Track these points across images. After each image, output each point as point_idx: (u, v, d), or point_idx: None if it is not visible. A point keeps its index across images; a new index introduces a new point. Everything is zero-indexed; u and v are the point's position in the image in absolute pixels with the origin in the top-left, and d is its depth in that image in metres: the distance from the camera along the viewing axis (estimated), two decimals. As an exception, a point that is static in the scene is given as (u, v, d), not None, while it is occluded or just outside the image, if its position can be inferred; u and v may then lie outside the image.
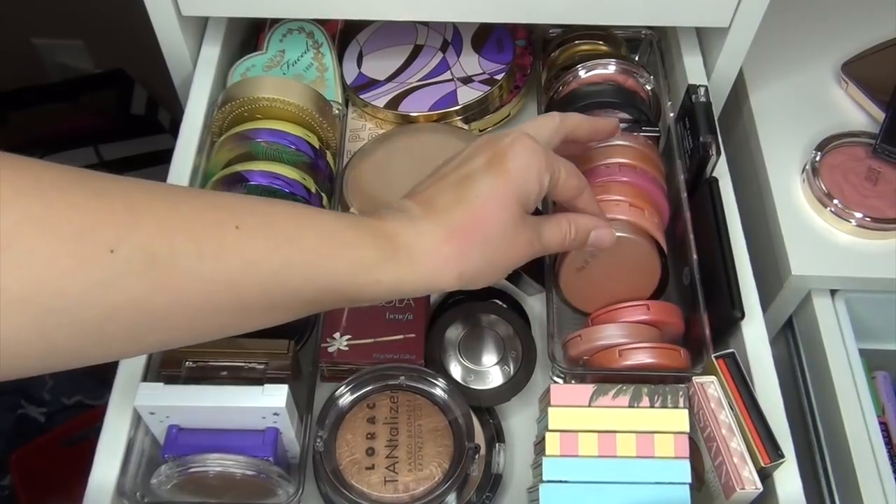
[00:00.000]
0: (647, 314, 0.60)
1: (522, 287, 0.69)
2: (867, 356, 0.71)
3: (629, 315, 0.61)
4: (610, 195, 0.60)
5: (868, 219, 0.70)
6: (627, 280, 0.62)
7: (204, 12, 0.72)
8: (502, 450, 0.61)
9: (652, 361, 0.57)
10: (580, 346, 0.60)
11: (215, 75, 0.74)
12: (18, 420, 1.24)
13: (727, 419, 0.54)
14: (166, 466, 0.53)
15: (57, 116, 1.41)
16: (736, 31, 0.70)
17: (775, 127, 0.78)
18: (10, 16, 1.34)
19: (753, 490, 0.52)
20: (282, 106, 0.66)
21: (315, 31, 0.79)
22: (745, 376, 0.56)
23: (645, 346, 0.58)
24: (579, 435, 0.54)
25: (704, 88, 0.67)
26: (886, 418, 0.73)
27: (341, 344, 0.63)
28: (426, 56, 0.80)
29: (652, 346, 0.58)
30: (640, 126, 0.67)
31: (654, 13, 0.69)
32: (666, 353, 0.58)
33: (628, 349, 0.58)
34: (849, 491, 0.65)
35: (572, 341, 0.61)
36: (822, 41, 0.84)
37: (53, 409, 1.25)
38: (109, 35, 1.35)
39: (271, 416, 0.54)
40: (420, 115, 0.76)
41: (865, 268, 0.70)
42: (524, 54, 0.82)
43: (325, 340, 0.63)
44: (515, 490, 0.62)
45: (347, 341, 0.63)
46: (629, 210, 0.60)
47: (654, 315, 0.60)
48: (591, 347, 0.60)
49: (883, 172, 0.73)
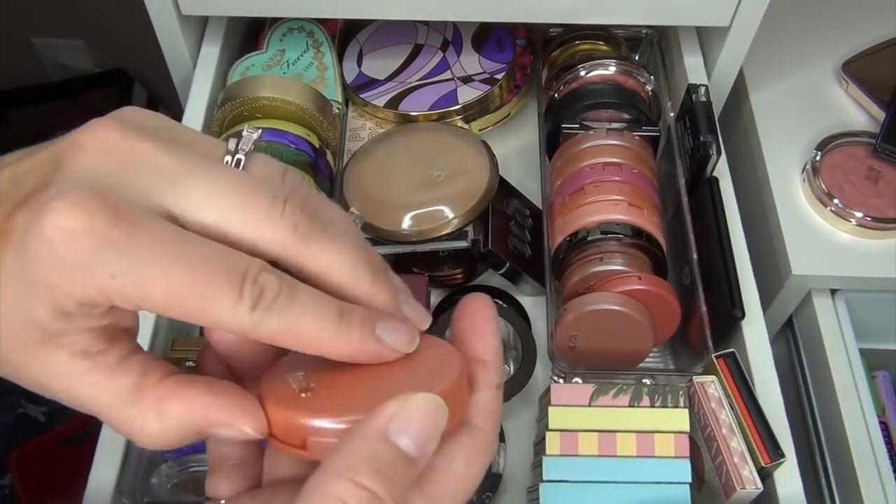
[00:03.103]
0: (638, 283, 0.59)
1: (522, 287, 0.69)
2: (867, 356, 0.71)
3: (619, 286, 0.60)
4: (608, 195, 0.60)
5: (868, 218, 0.70)
6: (626, 339, 0.60)
7: (204, 11, 0.72)
8: (502, 450, 0.61)
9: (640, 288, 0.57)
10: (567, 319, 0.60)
11: (215, 75, 0.74)
12: (18, 419, 1.24)
13: (727, 419, 0.54)
14: (166, 466, 0.53)
15: (57, 116, 1.40)
16: (736, 30, 0.70)
17: (775, 126, 0.78)
18: (10, 15, 1.34)
19: (753, 490, 0.52)
20: (282, 105, 0.65)
21: (315, 30, 0.79)
22: (745, 376, 0.56)
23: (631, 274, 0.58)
24: (579, 434, 0.54)
25: (705, 88, 0.67)
26: (886, 418, 0.72)
27: (341, 343, 0.63)
28: (426, 55, 0.80)
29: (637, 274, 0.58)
30: (640, 126, 0.67)
31: (655, 13, 0.69)
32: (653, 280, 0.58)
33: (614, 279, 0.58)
34: (849, 491, 0.65)
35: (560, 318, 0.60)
36: (822, 41, 0.84)
37: (53, 409, 1.25)
38: (109, 35, 1.35)
39: (271, 415, 0.54)
40: (420, 115, 0.76)
41: (865, 267, 0.70)
42: (524, 54, 0.82)
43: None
44: (515, 490, 0.62)
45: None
46: (628, 209, 0.60)
47: (646, 285, 0.60)
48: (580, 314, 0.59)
49: (883, 172, 0.73)
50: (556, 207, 0.65)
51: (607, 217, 0.61)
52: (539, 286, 0.67)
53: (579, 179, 0.64)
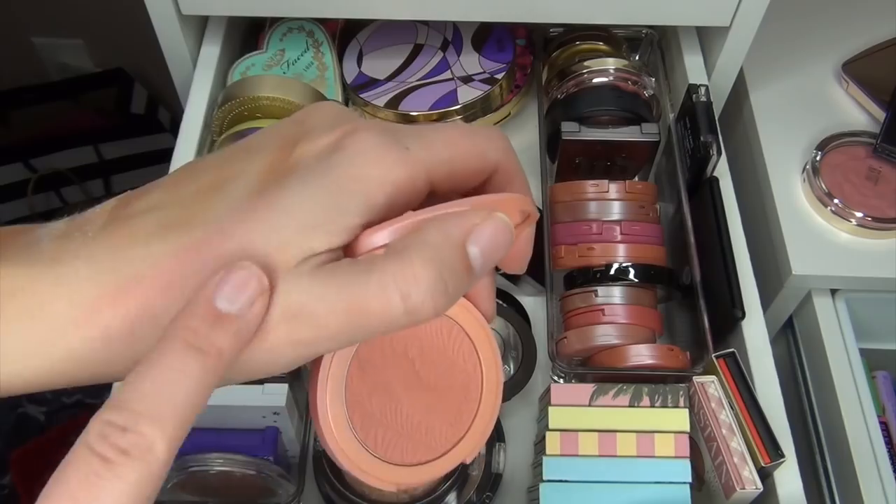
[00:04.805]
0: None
1: (522, 287, 0.69)
2: (867, 356, 0.71)
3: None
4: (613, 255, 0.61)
5: (868, 218, 0.70)
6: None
7: (204, 11, 0.72)
8: (502, 449, 0.61)
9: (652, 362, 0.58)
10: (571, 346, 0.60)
11: (215, 74, 0.74)
12: (18, 419, 1.24)
13: (727, 419, 0.54)
14: (166, 466, 0.53)
15: (57, 115, 1.40)
16: (736, 30, 0.70)
17: (776, 126, 0.78)
18: (10, 15, 1.34)
19: (753, 490, 0.52)
20: (282, 105, 0.66)
21: (315, 30, 0.79)
22: (745, 376, 0.56)
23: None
24: (579, 434, 0.54)
25: (705, 88, 0.67)
26: (886, 418, 0.72)
27: (341, 343, 0.63)
28: (426, 55, 0.80)
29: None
30: (640, 128, 0.67)
31: (655, 13, 0.69)
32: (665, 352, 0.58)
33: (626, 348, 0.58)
34: (849, 491, 0.65)
35: (561, 342, 0.61)
36: (822, 41, 0.84)
37: (53, 408, 1.25)
38: (109, 34, 1.35)
39: (271, 415, 0.54)
40: (420, 115, 0.76)
41: (866, 267, 0.70)
42: (524, 53, 0.82)
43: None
44: (515, 490, 0.62)
45: (347, 341, 0.63)
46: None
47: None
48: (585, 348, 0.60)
49: (883, 172, 0.73)
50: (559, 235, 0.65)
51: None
52: (539, 286, 0.67)
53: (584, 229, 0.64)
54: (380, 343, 0.30)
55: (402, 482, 0.29)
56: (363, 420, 0.29)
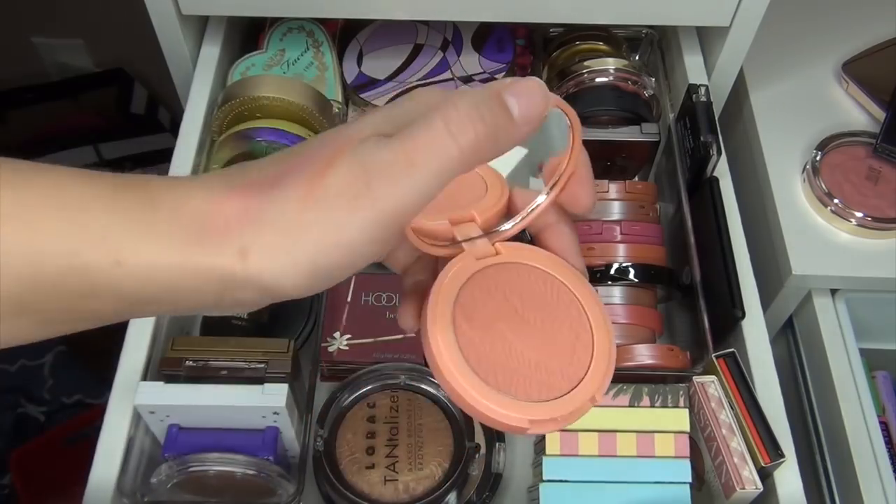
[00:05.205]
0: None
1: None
2: (867, 356, 0.71)
3: None
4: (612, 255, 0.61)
5: (868, 218, 0.70)
6: None
7: (204, 11, 0.72)
8: (502, 449, 0.61)
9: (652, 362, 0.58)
10: None
11: (215, 74, 0.74)
12: (18, 419, 1.24)
13: (727, 419, 0.54)
14: (166, 466, 0.53)
15: (57, 115, 1.40)
16: (736, 30, 0.70)
17: (776, 126, 0.78)
18: (10, 14, 1.34)
19: (753, 490, 0.52)
20: (282, 105, 0.65)
21: (315, 30, 0.79)
22: (745, 376, 0.56)
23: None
24: (579, 434, 0.54)
25: (705, 88, 0.67)
26: (886, 418, 0.73)
27: (341, 343, 0.63)
28: (426, 55, 0.80)
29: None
30: (640, 128, 0.67)
31: (655, 13, 0.69)
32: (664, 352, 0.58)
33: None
34: (849, 491, 0.65)
35: None
36: (822, 41, 0.84)
37: (53, 408, 1.25)
38: (109, 34, 1.35)
39: (271, 415, 0.54)
40: (420, 115, 0.76)
41: (866, 267, 0.70)
42: (524, 53, 0.82)
43: (326, 340, 0.63)
44: (515, 490, 0.62)
45: (347, 341, 0.63)
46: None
47: None
48: None
49: (883, 172, 0.73)
50: None
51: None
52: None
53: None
54: (480, 294, 0.32)
55: (535, 417, 0.30)
56: (480, 362, 0.30)
